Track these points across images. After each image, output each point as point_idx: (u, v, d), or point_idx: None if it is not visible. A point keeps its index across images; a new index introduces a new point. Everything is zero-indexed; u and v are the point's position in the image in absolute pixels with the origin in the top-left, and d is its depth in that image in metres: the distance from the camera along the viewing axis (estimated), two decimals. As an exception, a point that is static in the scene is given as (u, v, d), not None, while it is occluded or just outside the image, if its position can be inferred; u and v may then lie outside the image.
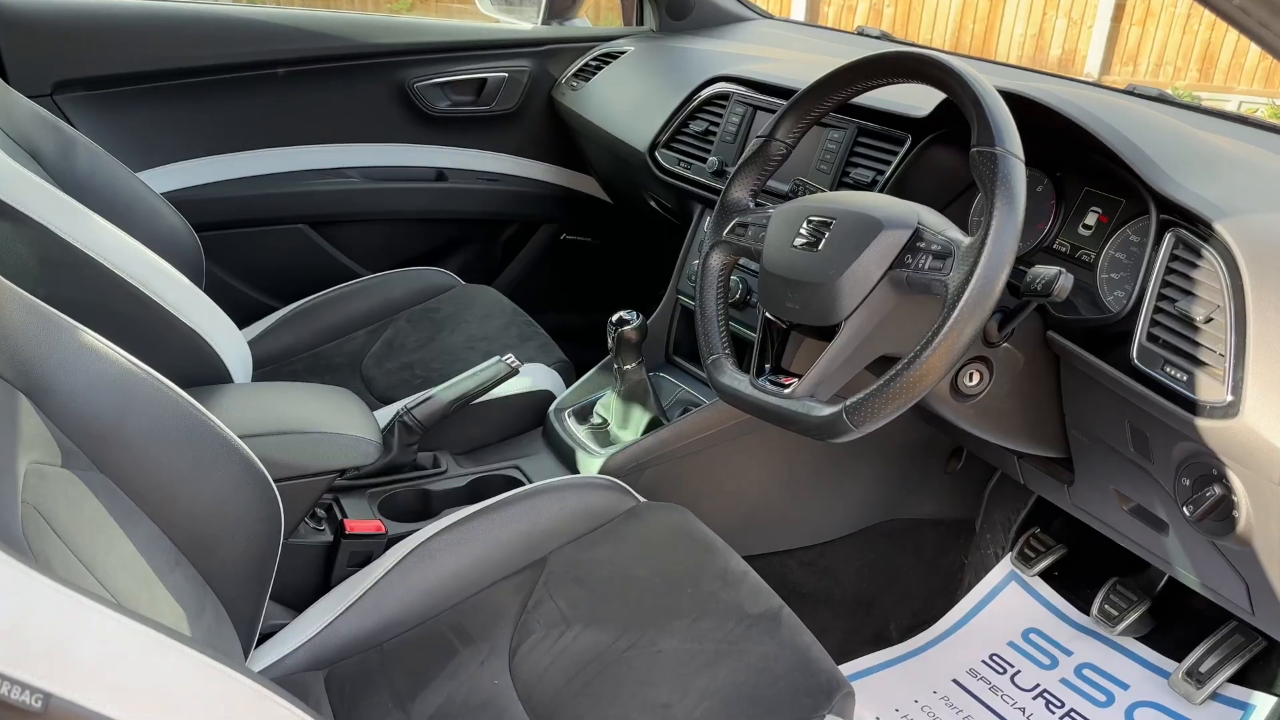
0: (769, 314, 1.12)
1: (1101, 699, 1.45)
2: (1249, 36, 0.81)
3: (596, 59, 2.11)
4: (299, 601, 1.14)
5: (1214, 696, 1.38)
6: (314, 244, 2.05)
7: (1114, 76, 6.72)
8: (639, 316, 1.47)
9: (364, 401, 1.30)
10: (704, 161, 1.65)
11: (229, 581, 0.91)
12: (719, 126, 1.67)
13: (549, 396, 1.60)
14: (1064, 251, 1.20)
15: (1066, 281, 0.95)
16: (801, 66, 1.66)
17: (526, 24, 2.23)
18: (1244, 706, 1.35)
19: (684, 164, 1.71)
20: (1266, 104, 6.31)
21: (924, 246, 0.97)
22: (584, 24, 2.30)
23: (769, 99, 1.60)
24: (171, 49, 1.85)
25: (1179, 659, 1.42)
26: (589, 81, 2.07)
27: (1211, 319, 0.94)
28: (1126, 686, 1.46)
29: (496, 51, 2.10)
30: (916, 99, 1.32)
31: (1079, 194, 1.20)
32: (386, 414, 1.43)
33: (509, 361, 1.44)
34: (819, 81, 1.12)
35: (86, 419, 0.80)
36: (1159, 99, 1.43)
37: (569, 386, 1.63)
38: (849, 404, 0.94)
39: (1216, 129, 1.28)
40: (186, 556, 0.87)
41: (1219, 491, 0.98)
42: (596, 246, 2.35)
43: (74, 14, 1.80)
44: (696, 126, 1.71)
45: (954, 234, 0.97)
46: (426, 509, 1.39)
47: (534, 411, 1.59)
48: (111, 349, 0.84)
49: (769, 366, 1.12)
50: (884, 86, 1.09)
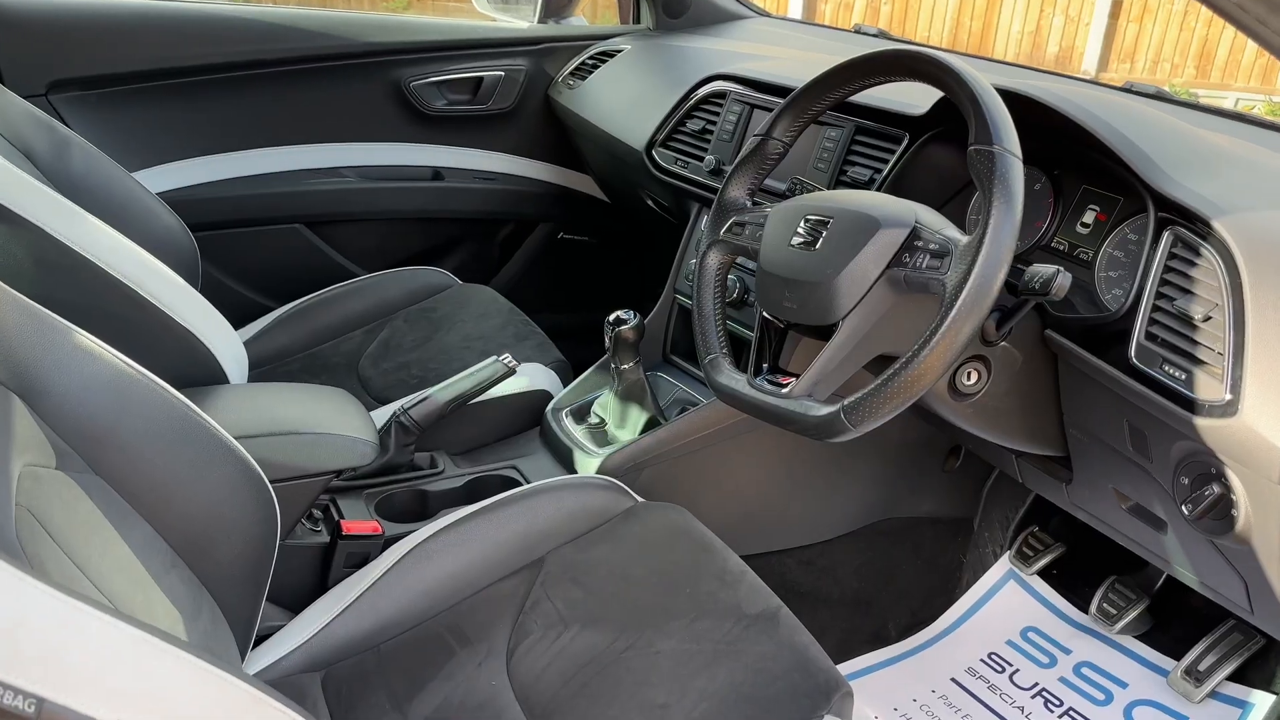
0: (766, 313, 1.11)
1: (1100, 697, 1.45)
2: (1246, 33, 0.81)
3: (593, 57, 2.11)
4: (296, 603, 1.13)
5: (1213, 695, 1.38)
6: (310, 244, 2.05)
7: (1111, 74, 6.72)
8: (636, 316, 1.46)
9: (360, 402, 1.30)
10: (701, 160, 1.65)
11: (225, 583, 0.90)
12: (716, 125, 1.66)
13: (546, 396, 1.60)
14: (1062, 250, 1.20)
15: (1065, 280, 0.95)
16: (798, 65, 1.66)
17: (523, 22, 2.22)
18: (1243, 704, 1.35)
19: (681, 163, 1.70)
20: (1263, 101, 6.31)
21: (922, 245, 0.96)
22: (580, 22, 2.29)
23: (766, 97, 1.60)
24: (167, 48, 1.85)
25: (1178, 657, 1.42)
26: (585, 80, 2.06)
27: (1210, 317, 0.94)
28: (1125, 685, 1.46)
29: (493, 50, 2.10)
30: (914, 97, 1.31)
31: (1077, 192, 1.19)
32: (383, 414, 1.43)
33: (506, 361, 1.43)
34: (816, 80, 1.12)
35: (81, 421, 0.80)
36: (1156, 96, 1.43)
37: (566, 386, 1.62)
38: (847, 403, 0.94)
39: (1214, 126, 1.28)
40: (182, 558, 0.86)
41: (1218, 490, 0.98)
42: (593, 246, 2.35)
43: (69, 13, 1.79)
44: (693, 125, 1.71)
45: (952, 232, 0.97)
46: (424, 509, 1.39)
47: (531, 411, 1.58)
48: (106, 350, 0.84)
49: (766, 366, 1.12)
50: (881, 85, 1.09)
